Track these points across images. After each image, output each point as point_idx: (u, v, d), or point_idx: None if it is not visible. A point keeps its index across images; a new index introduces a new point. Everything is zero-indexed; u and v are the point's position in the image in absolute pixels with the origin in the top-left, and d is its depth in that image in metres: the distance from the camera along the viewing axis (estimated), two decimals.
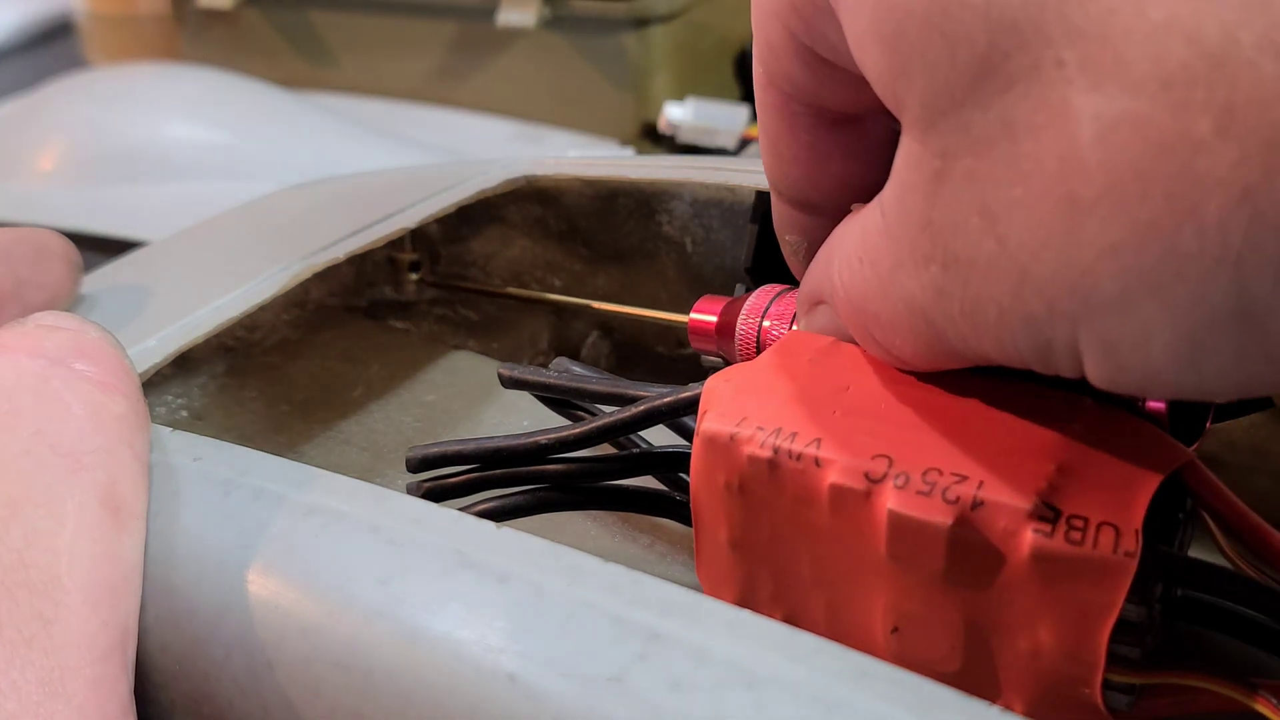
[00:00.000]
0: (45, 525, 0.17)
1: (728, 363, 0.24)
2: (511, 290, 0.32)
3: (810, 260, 0.21)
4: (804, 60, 0.18)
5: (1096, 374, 0.14)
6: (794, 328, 0.22)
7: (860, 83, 0.16)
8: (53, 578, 0.17)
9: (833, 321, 0.19)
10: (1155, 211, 0.13)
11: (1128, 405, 0.18)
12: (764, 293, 0.23)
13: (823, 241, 0.20)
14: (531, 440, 0.22)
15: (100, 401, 0.19)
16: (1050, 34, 0.13)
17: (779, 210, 0.21)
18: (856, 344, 0.19)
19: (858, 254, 0.17)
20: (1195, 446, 0.18)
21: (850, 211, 0.19)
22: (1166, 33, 0.12)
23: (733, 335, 0.23)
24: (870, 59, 0.16)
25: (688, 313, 0.24)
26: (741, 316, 0.23)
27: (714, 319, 0.24)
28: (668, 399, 0.21)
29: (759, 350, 0.22)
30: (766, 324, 0.22)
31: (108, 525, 0.18)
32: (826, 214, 0.20)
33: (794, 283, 0.24)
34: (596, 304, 0.30)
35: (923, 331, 0.16)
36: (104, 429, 0.18)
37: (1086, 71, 0.13)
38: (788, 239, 0.21)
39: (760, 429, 0.18)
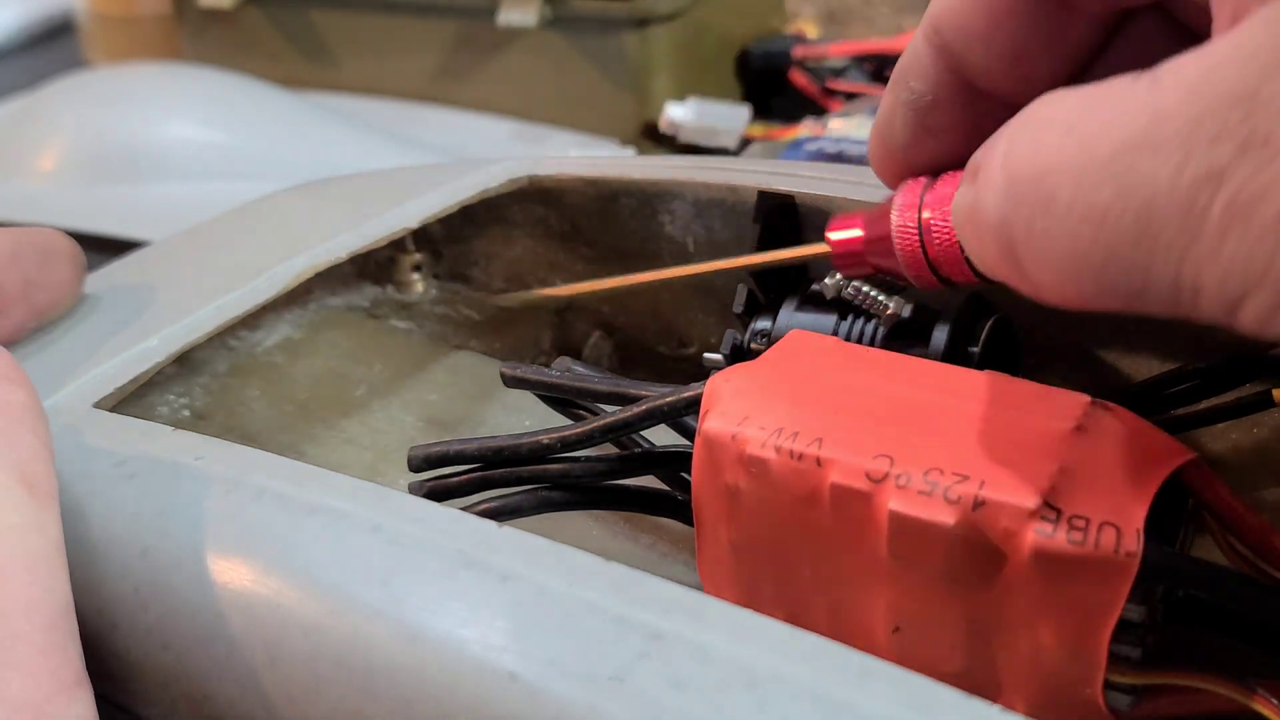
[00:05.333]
0: None
1: (737, 358, 0.23)
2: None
3: (919, 118, 0.19)
4: None
5: None
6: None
7: None
8: None
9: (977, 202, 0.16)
10: None
11: (1129, 405, 0.18)
12: (908, 188, 0.20)
13: (945, 103, 0.19)
14: (534, 440, 0.22)
15: (2, 389, 0.19)
16: None
17: (918, 51, 0.19)
18: (874, 348, 0.19)
19: (1066, 123, 0.15)
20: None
21: (1038, 95, 0.16)
22: None
23: (888, 239, 0.20)
24: None
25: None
26: (895, 214, 0.20)
27: (860, 233, 0.21)
28: (669, 399, 0.21)
29: (923, 247, 0.20)
30: (926, 215, 0.20)
31: (28, 500, 0.18)
32: (971, 74, 0.18)
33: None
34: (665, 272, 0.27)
35: (1113, 228, 0.14)
36: (7, 414, 0.19)
37: None
38: (911, 85, 0.19)
39: (762, 429, 0.18)
